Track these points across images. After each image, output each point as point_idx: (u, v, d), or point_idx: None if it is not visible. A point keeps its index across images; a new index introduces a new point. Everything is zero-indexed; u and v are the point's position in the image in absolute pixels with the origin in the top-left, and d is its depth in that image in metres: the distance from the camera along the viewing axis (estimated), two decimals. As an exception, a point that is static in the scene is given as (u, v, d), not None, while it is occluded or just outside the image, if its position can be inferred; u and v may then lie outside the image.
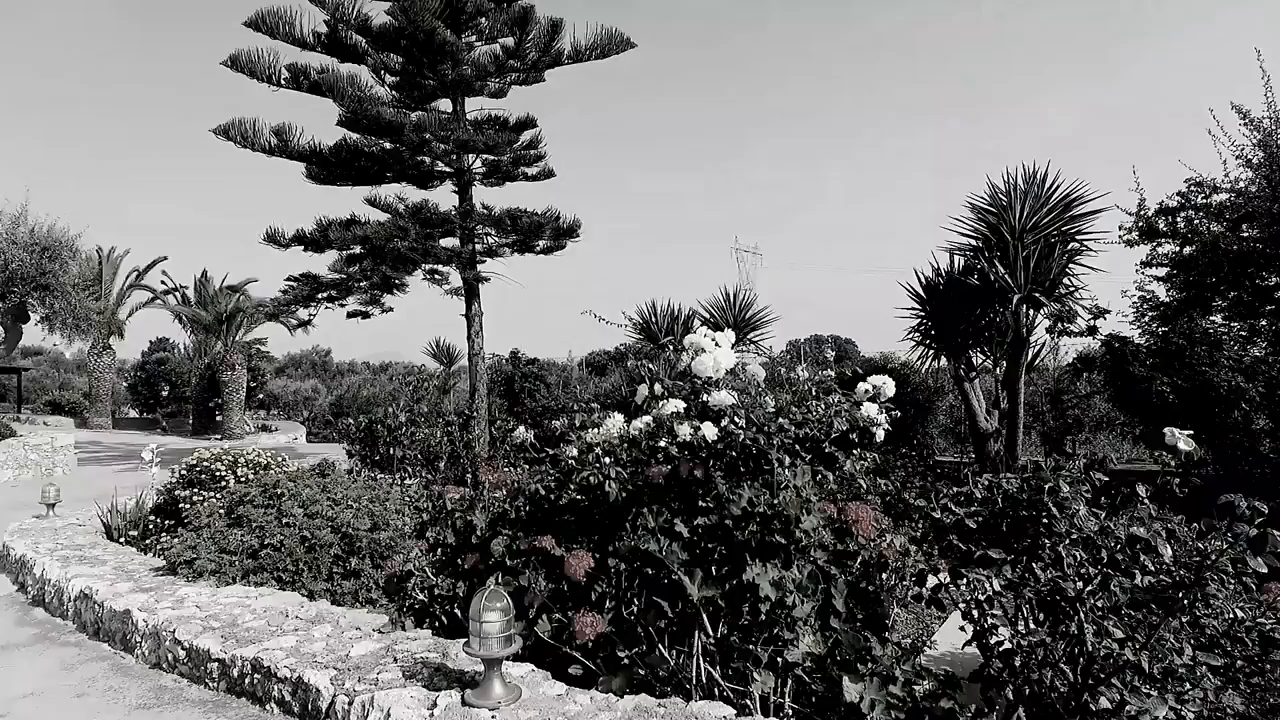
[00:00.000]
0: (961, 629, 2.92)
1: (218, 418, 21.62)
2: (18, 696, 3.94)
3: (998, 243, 8.44)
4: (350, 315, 14.86)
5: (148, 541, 7.02)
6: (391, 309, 14.92)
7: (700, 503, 3.48)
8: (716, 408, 3.64)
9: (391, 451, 8.15)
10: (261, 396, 25.93)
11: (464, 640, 3.53)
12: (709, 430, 3.38)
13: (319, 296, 14.33)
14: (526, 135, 15.11)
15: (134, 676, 4.07)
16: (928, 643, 4.28)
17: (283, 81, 14.20)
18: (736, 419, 3.36)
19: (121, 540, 7.16)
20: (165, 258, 24.43)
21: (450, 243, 14.61)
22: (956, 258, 9.15)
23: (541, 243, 14.88)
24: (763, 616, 3.08)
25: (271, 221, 15.22)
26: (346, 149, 14.39)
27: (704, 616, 3.24)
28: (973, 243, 8.99)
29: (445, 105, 15.42)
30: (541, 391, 15.07)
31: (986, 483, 3.15)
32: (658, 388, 4.04)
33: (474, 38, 15.05)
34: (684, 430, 3.42)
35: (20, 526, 7.48)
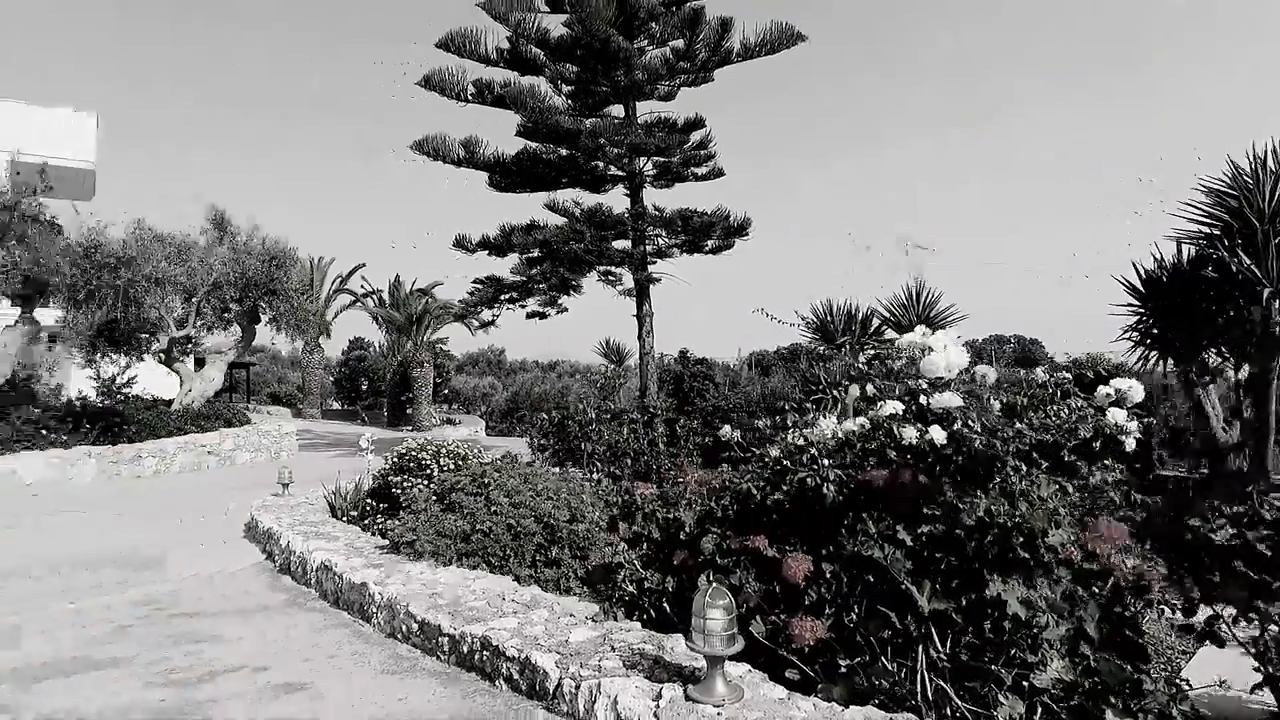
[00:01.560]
0: (1256, 669, 2.56)
1: (408, 411, 23.56)
2: (277, 651, 4.44)
3: (1240, 229, 7.43)
4: (529, 316, 15.65)
5: (366, 521, 7.73)
6: (566, 309, 15.57)
7: (925, 510, 3.32)
8: (939, 410, 3.45)
9: (582, 446, 8.51)
10: (446, 392, 27.92)
11: (681, 634, 3.59)
12: (937, 434, 3.20)
13: (501, 298, 15.21)
14: (696, 136, 15.23)
15: (373, 644, 4.48)
16: (1179, 679, 3.82)
17: (469, 97, 15.18)
18: (970, 423, 3.16)
19: (344, 519, 7.92)
20: (364, 264, 27.11)
21: (622, 244, 15.00)
22: (1185, 248, 8.16)
23: (710, 242, 14.94)
24: (1005, 636, 2.88)
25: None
26: (526, 157, 15.17)
27: (933, 630, 3.08)
28: (1206, 230, 7.97)
29: (616, 110, 15.88)
30: (710, 391, 15.13)
31: None
32: (869, 389, 3.90)
33: (645, 42, 15.36)
34: (909, 433, 3.26)
35: (263, 503, 8.47)
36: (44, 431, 11.44)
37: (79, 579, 6.19)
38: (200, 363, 15.06)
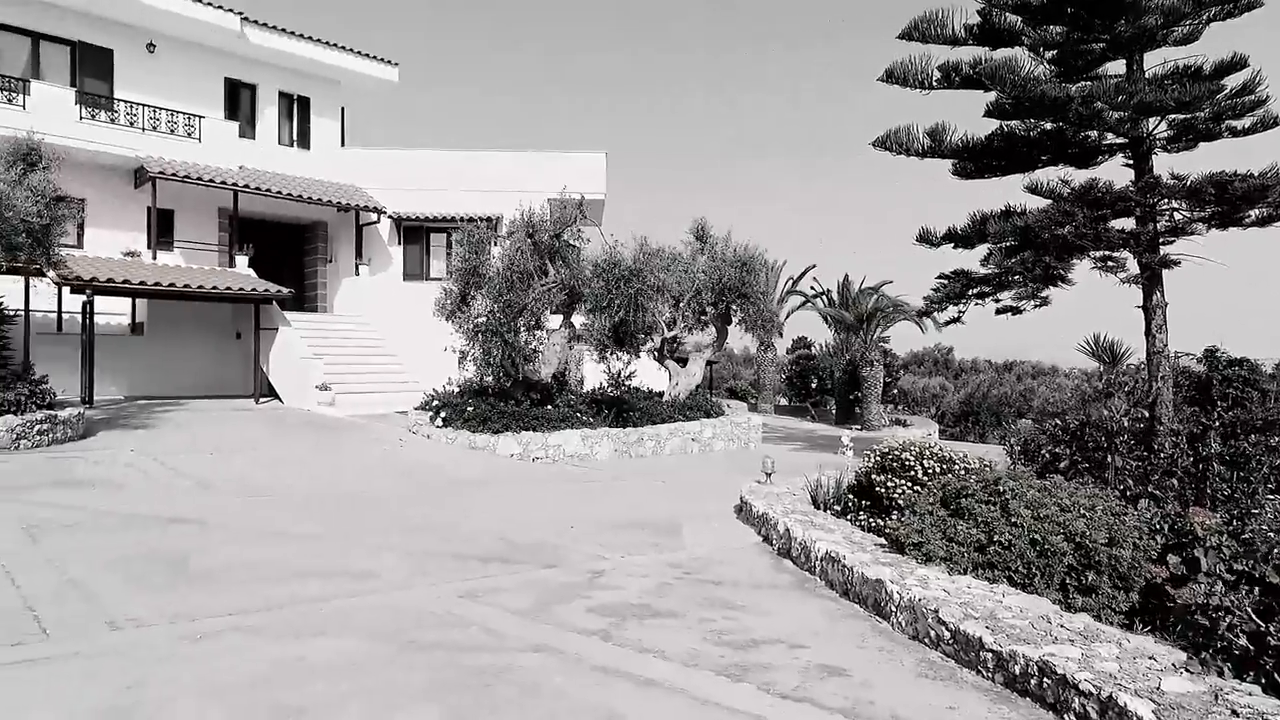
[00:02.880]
0: None
1: (856, 409, 23.61)
2: (803, 631, 4.66)
3: None
4: (999, 312, 14.28)
5: (850, 516, 7.82)
6: (1048, 302, 13.81)
7: None
8: None
9: (1109, 460, 7.37)
10: (895, 391, 27.32)
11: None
12: None
13: (969, 293, 14.17)
14: (1233, 80, 12.18)
15: (898, 643, 4.41)
16: None
17: (934, 83, 14.43)
18: None
19: (827, 511, 8.13)
20: (814, 266, 28.00)
21: (1123, 224, 12.73)
22: None
23: (1256, 212, 11.77)
24: None
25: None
26: (1000, 137, 13.87)
27: None
28: None
29: (1112, 69, 13.56)
30: (1254, 399, 11.86)
31: None
32: None
33: (1158, -22, 12.77)
34: None
35: (749, 489, 9.13)
36: (577, 414, 14.19)
37: (619, 538, 7.41)
38: (683, 361, 17.11)
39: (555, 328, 15.63)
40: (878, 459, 8.18)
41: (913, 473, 7.81)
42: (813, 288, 28.02)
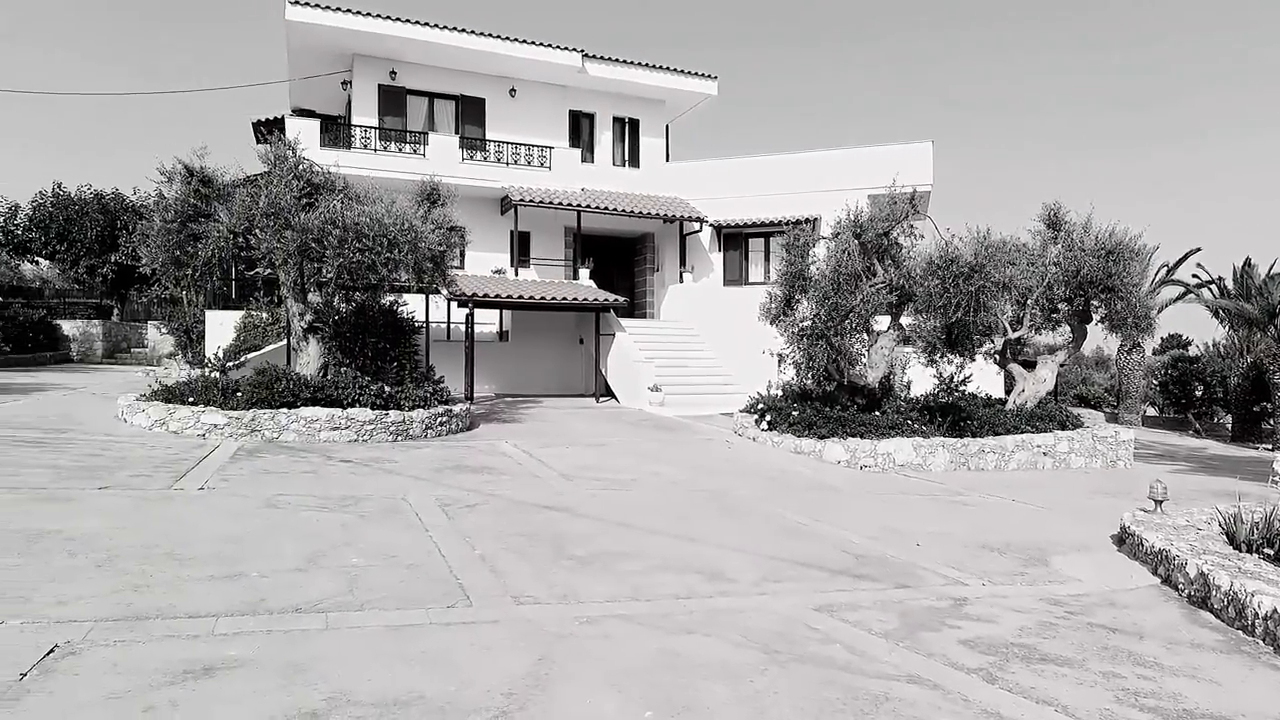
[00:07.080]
0: None
1: (1264, 424, 19.00)
2: (1256, 710, 3.73)
3: None
4: None
5: (1289, 564, 6.20)
6: None
7: None
8: None
9: None
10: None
11: None
12: None
13: None
14: None
15: None
16: None
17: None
18: None
19: (1256, 554, 6.54)
20: (1198, 249, 23.07)
21: None
22: None
23: None
24: None
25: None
26: None
27: None
28: None
29: None
30: None
31: None
32: None
33: None
34: None
35: (1135, 517, 7.72)
36: (908, 421, 13.34)
37: (975, 561, 6.70)
38: (1029, 364, 15.24)
39: (882, 329, 14.90)
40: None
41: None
42: (1195, 276, 23.24)
